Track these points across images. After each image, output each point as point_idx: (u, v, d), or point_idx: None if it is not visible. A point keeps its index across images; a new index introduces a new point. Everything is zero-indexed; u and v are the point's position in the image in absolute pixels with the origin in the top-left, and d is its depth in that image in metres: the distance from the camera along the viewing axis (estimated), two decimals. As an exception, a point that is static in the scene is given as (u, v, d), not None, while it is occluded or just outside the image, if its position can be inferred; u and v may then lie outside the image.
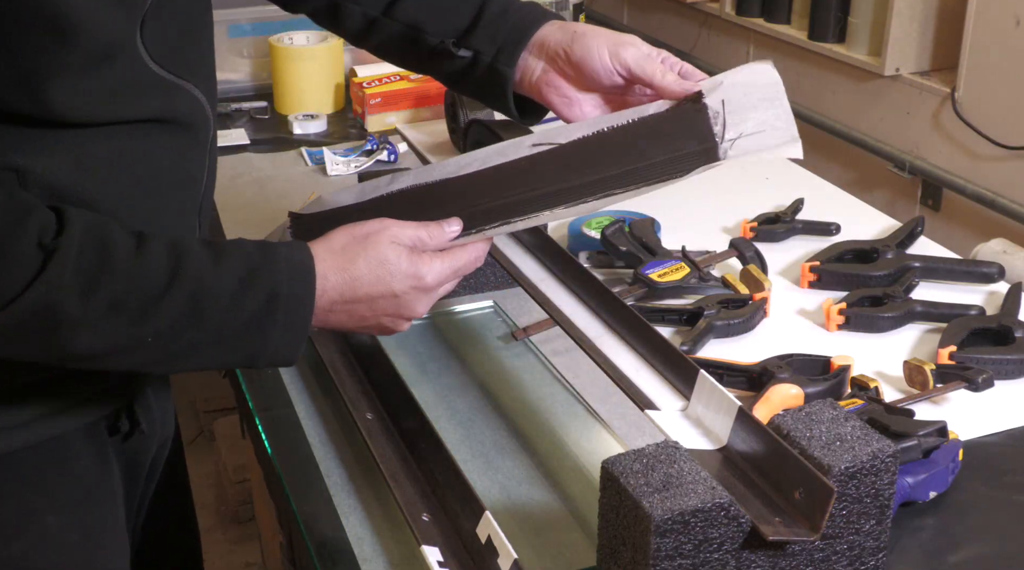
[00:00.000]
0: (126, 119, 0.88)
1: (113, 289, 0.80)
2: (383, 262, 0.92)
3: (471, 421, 1.16)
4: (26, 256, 0.77)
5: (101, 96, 0.85)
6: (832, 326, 1.31)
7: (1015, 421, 1.14)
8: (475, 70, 1.09)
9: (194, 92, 0.95)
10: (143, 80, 0.89)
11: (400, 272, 0.93)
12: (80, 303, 0.79)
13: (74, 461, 0.98)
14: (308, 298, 0.88)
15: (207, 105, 0.98)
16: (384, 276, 0.92)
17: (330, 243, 0.93)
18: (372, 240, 0.93)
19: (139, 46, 0.87)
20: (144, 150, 0.91)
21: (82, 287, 0.79)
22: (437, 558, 0.90)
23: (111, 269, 0.80)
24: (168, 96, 0.92)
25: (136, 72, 0.88)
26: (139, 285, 0.81)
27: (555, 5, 2.26)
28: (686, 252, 1.41)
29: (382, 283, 0.92)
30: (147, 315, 0.82)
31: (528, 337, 1.29)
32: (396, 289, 0.93)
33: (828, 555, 0.84)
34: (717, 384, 0.89)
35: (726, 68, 1.02)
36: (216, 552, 2.41)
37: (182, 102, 0.94)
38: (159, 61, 0.90)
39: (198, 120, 0.96)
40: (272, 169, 1.86)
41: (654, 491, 0.78)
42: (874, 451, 0.82)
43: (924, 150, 2.37)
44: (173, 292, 0.82)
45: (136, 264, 0.82)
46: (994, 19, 2.13)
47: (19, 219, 0.78)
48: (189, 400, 2.80)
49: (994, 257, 1.55)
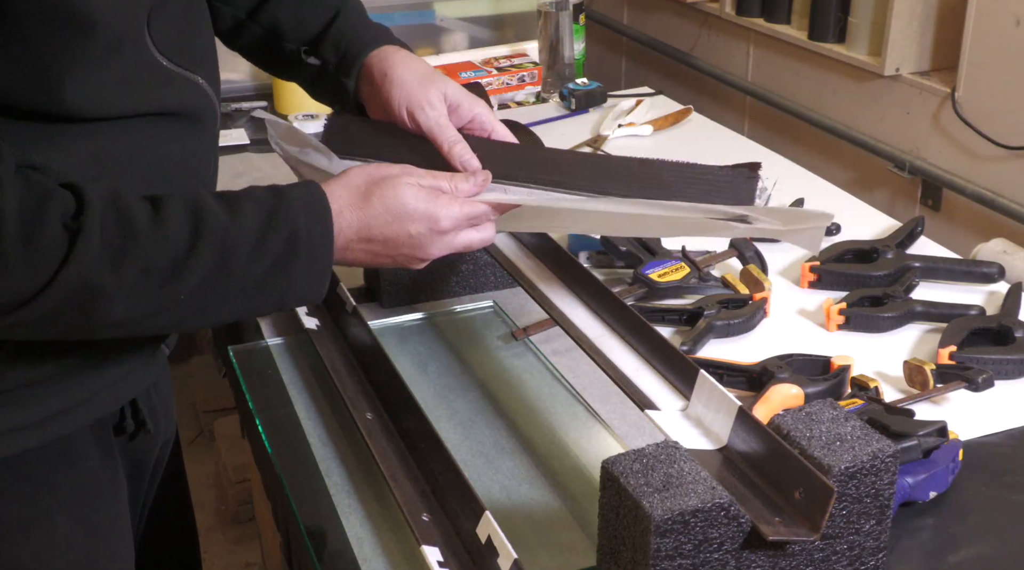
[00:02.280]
0: (137, 112, 0.90)
1: (141, 256, 0.81)
2: (400, 202, 0.93)
3: (471, 421, 1.16)
4: (55, 239, 0.78)
5: (113, 90, 0.87)
6: (832, 326, 1.31)
7: (1015, 421, 1.14)
8: (324, 78, 1.13)
9: (201, 84, 0.96)
10: (152, 73, 0.90)
11: (417, 212, 0.94)
12: (113, 275, 0.80)
13: (81, 462, 0.99)
14: (327, 234, 0.89)
15: (213, 97, 0.99)
16: (401, 215, 0.93)
17: (348, 181, 0.94)
18: (390, 182, 0.94)
19: (147, 39, 0.89)
20: (156, 143, 0.92)
21: (112, 259, 0.80)
22: (437, 558, 0.90)
23: (135, 237, 0.81)
24: (177, 88, 0.93)
25: (145, 65, 0.89)
26: (165, 248, 0.83)
27: (555, 5, 2.26)
28: (686, 252, 1.41)
29: (398, 222, 0.93)
30: (178, 275, 0.83)
31: (528, 337, 1.29)
32: (411, 230, 0.94)
33: (828, 555, 0.84)
34: (717, 384, 0.89)
35: (726, 68, 1.03)
36: (216, 552, 2.41)
37: (190, 94, 0.95)
38: (166, 54, 0.91)
39: (206, 112, 0.97)
40: (272, 169, 1.86)
41: (654, 491, 0.78)
42: (874, 451, 0.82)
43: (924, 150, 2.37)
44: (199, 249, 0.83)
45: (159, 228, 0.83)
46: (994, 19, 2.13)
47: (40, 204, 0.79)
48: (189, 400, 2.80)
49: (994, 257, 1.55)
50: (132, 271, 0.81)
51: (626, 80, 3.53)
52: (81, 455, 0.98)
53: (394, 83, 1.07)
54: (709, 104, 2.96)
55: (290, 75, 1.20)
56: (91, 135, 0.87)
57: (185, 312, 0.86)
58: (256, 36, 1.17)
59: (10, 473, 0.93)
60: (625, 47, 3.56)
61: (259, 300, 0.89)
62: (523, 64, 2.28)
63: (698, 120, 2.09)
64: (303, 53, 1.13)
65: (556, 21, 2.27)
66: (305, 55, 1.13)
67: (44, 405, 0.92)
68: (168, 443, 1.19)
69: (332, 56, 1.12)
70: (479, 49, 2.40)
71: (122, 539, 1.05)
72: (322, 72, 1.13)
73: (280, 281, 0.88)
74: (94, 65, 0.84)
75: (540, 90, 2.26)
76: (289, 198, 0.89)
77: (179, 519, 1.30)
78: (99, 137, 0.87)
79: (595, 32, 3.37)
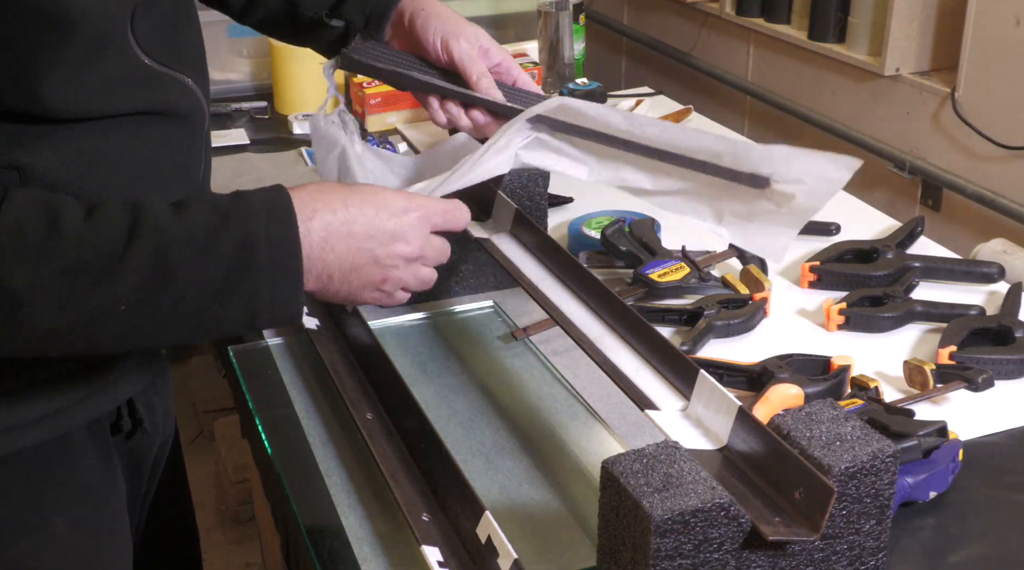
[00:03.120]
0: (122, 112, 0.88)
1: (63, 253, 0.77)
2: (375, 194, 0.91)
3: (471, 421, 1.16)
4: None
5: (95, 90, 0.85)
6: (832, 326, 1.31)
7: (1015, 421, 1.14)
8: (348, 40, 1.15)
9: (187, 83, 0.95)
10: (136, 73, 0.89)
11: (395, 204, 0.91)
12: (27, 273, 0.76)
13: (79, 461, 0.98)
14: (291, 234, 0.84)
15: (201, 96, 0.98)
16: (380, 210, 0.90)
17: (319, 184, 0.91)
18: (367, 187, 0.93)
19: (130, 39, 0.88)
20: (142, 143, 0.91)
21: (26, 256, 0.76)
22: (437, 558, 0.90)
23: (58, 235, 0.77)
24: (162, 88, 0.92)
25: (128, 65, 0.88)
26: (93, 246, 0.78)
27: (555, 5, 2.26)
28: (686, 252, 1.41)
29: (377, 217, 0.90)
30: (110, 276, 0.78)
31: (528, 337, 1.29)
32: (391, 226, 0.90)
33: (828, 555, 0.84)
34: (717, 384, 0.89)
35: (726, 68, 1.04)
36: (216, 552, 2.41)
37: (176, 93, 0.94)
38: (150, 53, 0.90)
39: (193, 111, 0.96)
40: (272, 169, 1.86)
41: (654, 491, 0.78)
42: (874, 451, 0.82)
43: (924, 150, 2.37)
44: (134, 249, 0.78)
45: (88, 227, 0.79)
46: (994, 19, 2.13)
47: None
48: (189, 400, 2.80)
49: (994, 257, 1.55)
50: (51, 269, 0.76)
51: (626, 80, 3.53)
52: (79, 454, 0.98)
53: (431, 15, 1.12)
54: (709, 104, 2.96)
55: (309, 41, 1.21)
56: (77, 135, 0.86)
57: (133, 323, 0.80)
58: (272, 7, 1.18)
59: (7, 473, 0.93)
60: (625, 47, 3.56)
61: (221, 311, 0.82)
62: (523, 64, 2.28)
63: (698, 120, 2.09)
64: (324, 17, 1.14)
65: (556, 21, 2.27)
66: (327, 19, 1.14)
67: (41, 404, 0.92)
68: (167, 442, 1.19)
69: (358, 16, 1.14)
70: (479, 49, 2.40)
71: (121, 539, 1.05)
72: (346, 34, 1.15)
73: (242, 289, 0.82)
74: (76, 66, 0.83)
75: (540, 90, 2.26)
76: (247, 199, 0.85)
77: (180, 519, 1.30)
78: (85, 137, 0.86)
79: (595, 32, 3.37)
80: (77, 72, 0.84)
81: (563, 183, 1.70)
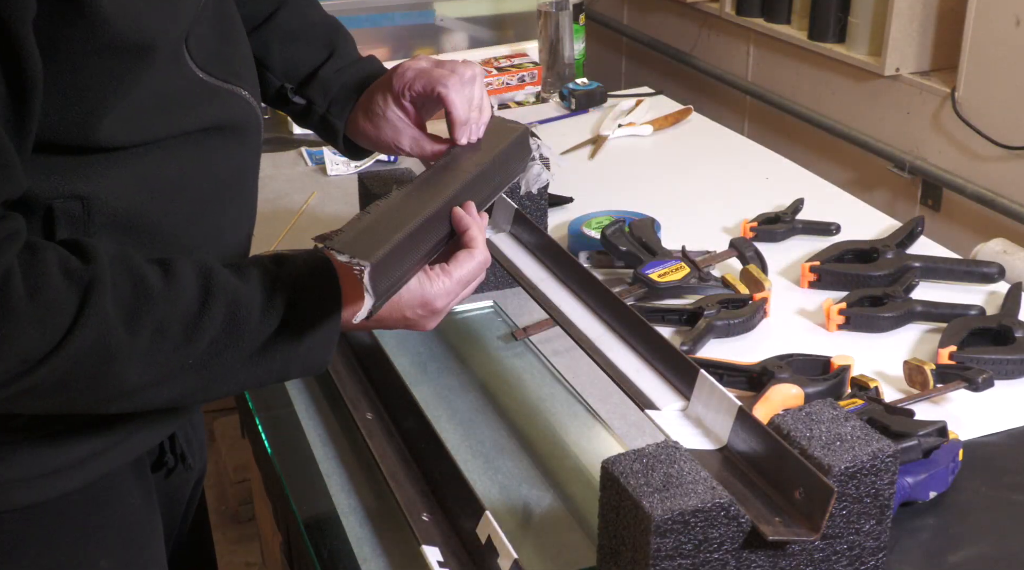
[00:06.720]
0: (181, 131, 0.87)
1: (154, 315, 0.78)
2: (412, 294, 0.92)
3: (471, 421, 1.16)
4: (59, 293, 0.74)
5: (155, 113, 0.84)
6: (832, 326, 1.31)
7: (1015, 421, 1.14)
8: (311, 116, 1.15)
9: (243, 94, 0.94)
10: (193, 89, 0.88)
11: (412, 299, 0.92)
12: (127, 334, 0.77)
13: (123, 501, 0.96)
14: (333, 292, 0.86)
15: (256, 107, 0.97)
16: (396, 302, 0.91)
17: None
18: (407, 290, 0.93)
19: (184, 54, 0.86)
20: (202, 161, 0.90)
21: (125, 317, 0.77)
22: (437, 558, 0.90)
23: (148, 295, 0.78)
24: (218, 102, 0.91)
25: (185, 81, 0.87)
26: (177, 307, 0.80)
27: (555, 5, 2.26)
28: (686, 252, 1.41)
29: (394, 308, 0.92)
30: (190, 336, 0.80)
31: (528, 337, 1.29)
32: (407, 315, 0.93)
33: (828, 555, 0.84)
34: (717, 384, 0.89)
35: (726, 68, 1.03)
36: (216, 552, 2.41)
37: (234, 106, 0.93)
38: (205, 68, 0.89)
39: (250, 123, 0.95)
40: (272, 169, 1.86)
41: (654, 491, 0.78)
42: (874, 451, 0.82)
43: (924, 150, 2.37)
44: (210, 309, 0.81)
45: (170, 287, 0.80)
46: (994, 19, 2.13)
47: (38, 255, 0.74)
48: (189, 400, 2.80)
49: (994, 257, 1.55)
50: (146, 330, 0.77)
51: (626, 80, 3.53)
52: (122, 495, 0.96)
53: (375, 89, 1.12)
54: (709, 104, 2.96)
55: (277, 106, 1.19)
56: (138, 160, 0.84)
57: (193, 380, 0.82)
58: None
59: (53, 518, 0.91)
60: (625, 47, 3.56)
61: (265, 366, 0.85)
62: (523, 64, 2.28)
63: (698, 120, 2.09)
64: (290, 92, 1.14)
65: (556, 21, 2.28)
66: (291, 94, 1.14)
67: (84, 444, 0.90)
68: (202, 478, 1.18)
69: (320, 99, 1.14)
70: (479, 49, 2.40)
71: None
72: (308, 111, 1.15)
73: (287, 343, 0.85)
74: (136, 90, 0.81)
75: (540, 90, 2.26)
76: (291, 259, 0.87)
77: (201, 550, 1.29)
78: (146, 162, 0.85)
79: (595, 32, 3.37)
80: (137, 97, 0.82)
81: (563, 183, 1.71)
